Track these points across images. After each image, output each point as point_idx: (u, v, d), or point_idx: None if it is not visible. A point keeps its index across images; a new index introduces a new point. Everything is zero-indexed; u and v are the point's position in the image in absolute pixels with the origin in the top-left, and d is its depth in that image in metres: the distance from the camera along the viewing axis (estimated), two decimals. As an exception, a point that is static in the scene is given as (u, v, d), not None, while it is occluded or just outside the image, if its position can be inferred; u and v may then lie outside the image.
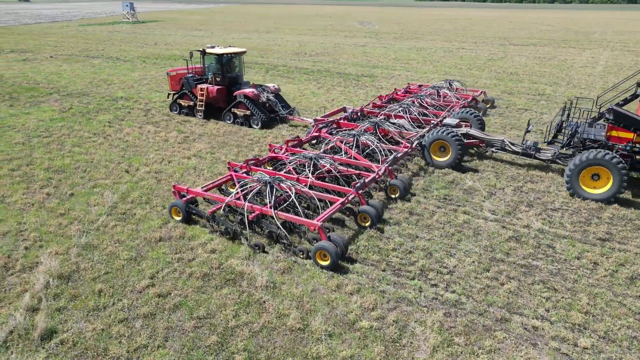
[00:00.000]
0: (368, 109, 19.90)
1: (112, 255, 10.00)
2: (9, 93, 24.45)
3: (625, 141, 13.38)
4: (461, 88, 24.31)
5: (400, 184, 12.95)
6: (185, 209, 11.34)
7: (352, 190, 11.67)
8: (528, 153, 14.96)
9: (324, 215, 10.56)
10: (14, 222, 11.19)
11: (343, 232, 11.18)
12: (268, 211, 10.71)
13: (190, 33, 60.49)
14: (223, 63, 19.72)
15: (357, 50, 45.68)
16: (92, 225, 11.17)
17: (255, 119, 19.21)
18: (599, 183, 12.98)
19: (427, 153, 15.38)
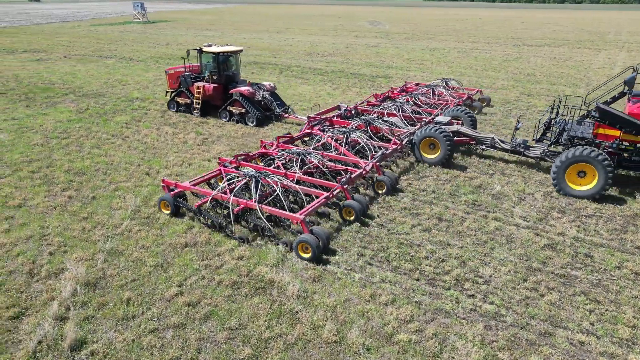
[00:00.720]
0: (362, 107, 19.97)
1: (138, 261, 9.77)
2: (25, 93, 24.39)
3: (612, 139, 13.43)
4: (458, 87, 24.24)
5: (387, 180, 13.09)
6: (174, 202, 11.54)
7: (337, 185, 11.86)
8: (517, 150, 15.05)
9: (307, 209, 10.72)
10: (37, 226, 11.00)
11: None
12: (252, 205, 10.91)
13: (202, 33, 60.41)
14: (219, 61, 19.95)
15: (370, 51, 45.32)
16: (116, 230, 10.95)
17: (250, 116, 19.46)
18: (585, 180, 13.09)
19: (416, 150, 15.54)
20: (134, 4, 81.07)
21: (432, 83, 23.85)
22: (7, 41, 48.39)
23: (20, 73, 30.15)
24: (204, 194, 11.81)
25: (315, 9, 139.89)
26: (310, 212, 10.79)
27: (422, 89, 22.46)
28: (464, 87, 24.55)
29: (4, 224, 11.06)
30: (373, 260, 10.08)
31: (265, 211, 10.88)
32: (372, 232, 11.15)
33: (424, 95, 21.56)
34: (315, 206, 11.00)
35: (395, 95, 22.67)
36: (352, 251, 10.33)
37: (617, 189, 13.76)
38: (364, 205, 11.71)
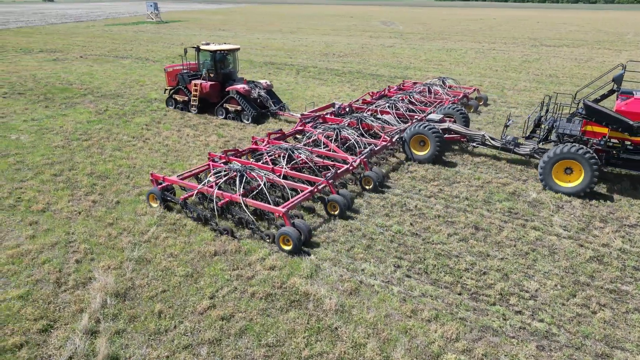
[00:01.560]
0: (357, 105, 20.07)
1: (167, 270, 9.42)
2: (44, 94, 24.27)
3: (600, 136, 13.40)
4: (455, 85, 24.33)
5: (374, 176, 13.23)
6: (161, 195, 11.79)
7: (322, 180, 12.03)
8: (507, 148, 15.09)
9: (290, 202, 10.90)
10: (62, 232, 10.71)
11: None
12: (236, 198, 11.13)
13: (215, 33, 60.25)
14: (216, 60, 20.15)
15: (386, 51, 44.77)
16: (142, 237, 10.62)
17: (245, 114, 19.71)
18: (572, 177, 13.19)
19: (407, 147, 15.59)
20: (148, 4, 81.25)
21: (428, 82, 23.87)
22: (24, 41, 48.61)
23: (37, 73, 30.11)
24: (190, 187, 11.95)
25: (326, 8, 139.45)
26: (293, 206, 10.94)
27: (418, 88, 22.60)
28: (461, 86, 24.58)
29: (28, 229, 10.79)
30: (411, 272, 9.63)
31: (249, 204, 11.14)
32: (407, 242, 10.70)
33: (420, 93, 21.74)
34: (299, 200, 11.16)
35: (391, 93, 22.63)
36: (388, 262, 9.89)
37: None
38: (348, 200, 11.87)
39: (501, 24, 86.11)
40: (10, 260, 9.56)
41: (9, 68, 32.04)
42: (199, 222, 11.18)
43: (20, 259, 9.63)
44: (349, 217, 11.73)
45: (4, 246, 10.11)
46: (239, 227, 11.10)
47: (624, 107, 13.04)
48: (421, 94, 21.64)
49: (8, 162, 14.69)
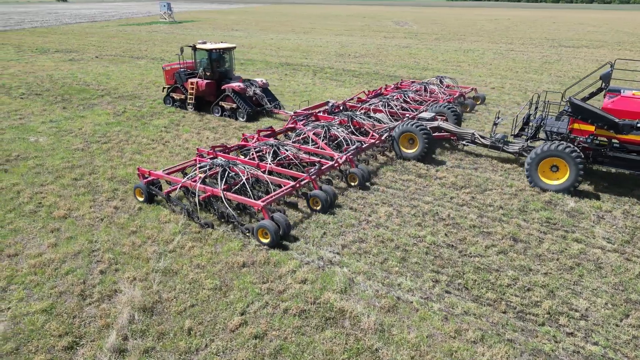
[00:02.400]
0: (351, 104, 20.18)
1: (195, 283, 9.01)
2: (61, 95, 24.10)
3: (587, 134, 13.46)
4: (452, 85, 24.31)
5: (359, 173, 13.33)
6: (147, 189, 11.97)
7: (304, 176, 12.20)
8: (496, 146, 15.22)
9: (270, 196, 11.09)
10: (84, 241, 10.36)
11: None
12: (218, 192, 11.31)
13: (228, 34, 60.09)
14: (212, 58, 20.39)
15: (402, 52, 44.16)
16: (167, 246, 10.22)
17: (241, 111, 19.96)
18: (558, 174, 13.26)
19: (396, 145, 15.65)
20: (161, 4, 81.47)
21: (425, 81, 23.98)
22: (40, 41, 48.80)
23: (54, 73, 30.02)
24: (175, 181, 12.12)
25: (338, 9, 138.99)
26: (273, 200, 11.10)
27: (414, 87, 22.73)
28: (458, 85, 24.57)
29: (50, 237, 10.46)
30: (450, 287, 9.11)
31: (230, 198, 11.32)
32: (443, 254, 10.18)
33: (416, 92, 21.90)
34: (280, 195, 11.36)
35: (387, 92, 22.50)
36: (425, 276, 9.38)
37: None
38: (330, 196, 11.95)
39: (516, 24, 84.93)
40: (33, 271, 9.21)
41: (25, 68, 32.03)
42: (182, 215, 11.43)
43: (42, 269, 9.28)
44: (380, 226, 11.25)
45: (26, 255, 9.78)
46: (222, 221, 11.24)
47: (610, 104, 13.06)
48: (417, 93, 21.83)
49: (28, 166, 14.42)
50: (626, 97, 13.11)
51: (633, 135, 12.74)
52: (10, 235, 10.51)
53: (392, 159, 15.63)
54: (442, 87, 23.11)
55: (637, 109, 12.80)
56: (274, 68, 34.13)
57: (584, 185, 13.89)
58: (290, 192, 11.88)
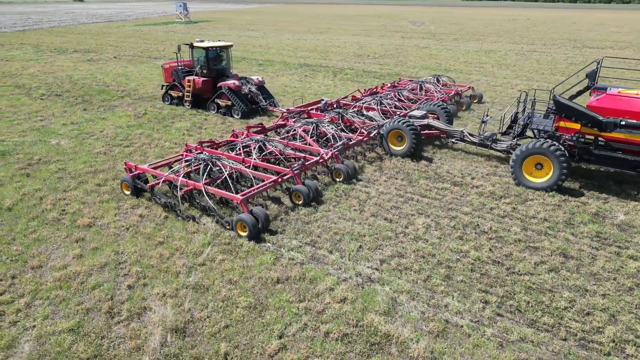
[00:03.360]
0: (345, 102, 20.30)
1: (228, 301, 8.46)
2: (81, 96, 23.84)
3: (572, 132, 13.45)
4: (450, 83, 24.60)
5: (344, 169, 13.46)
6: (132, 183, 12.21)
7: (287, 170, 12.38)
8: (484, 144, 15.32)
9: (250, 190, 11.30)
10: (110, 252, 9.89)
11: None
12: (199, 186, 11.49)
13: (244, 34, 59.79)
14: (209, 56, 20.67)
15: (422, 53, 43.33)
16: (197, 259, 9.70)
17: (235, 109, 20.18)
18: (542, 172, 13.28)
19: (385, 142, 15.82)
20: (177, 4, 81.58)
21: (422, 79, 24.27)
22: (58, 41, 48.94)
23: (73, 74, 29.85)
24: (159, 175, 12.32)
25: (352, 9, 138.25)
26: (253, 194, 11.30)
27: (410, 85, 22.99)
28: (455, 84, 24.75)
29: (75, 247, 10.01)
30: (502, 309, 8.44)
31: (211, 192, 11.52)
32: (490, 272, 9.50)
33: (411, 91, 22.18)
34: (260, 189, 11.51)
35: (383, 90, 22.44)
36: (474, 297, 8.71)
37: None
38: (312, 190, 12.14)
39: (536, 25, 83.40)
40: (58, 285, 8.76)
41: (45, 68, 31.94)
42: (166, 208, 11.62)
43: (68, 283, 8.82)
44: (419, 239, 10.61)
45: (50, 267, 9.34)
46: (203, 214, 11.44)
47: (595, 102, 13.04)
48: (412, 92, 22.07)
49: (50, 170, 14.05)
50: (611, 95, 13.01)
51: (617, 133, 12.65)
52: (34, 245, 10.09)
53: (380, 156, 15.79)
54: (439, 85, 23.27)
55: (622, 107, 12.68)
56: (293, 69, 33.59)
57: (629, 194, 13.09)
58: (273, 187, 12.16)
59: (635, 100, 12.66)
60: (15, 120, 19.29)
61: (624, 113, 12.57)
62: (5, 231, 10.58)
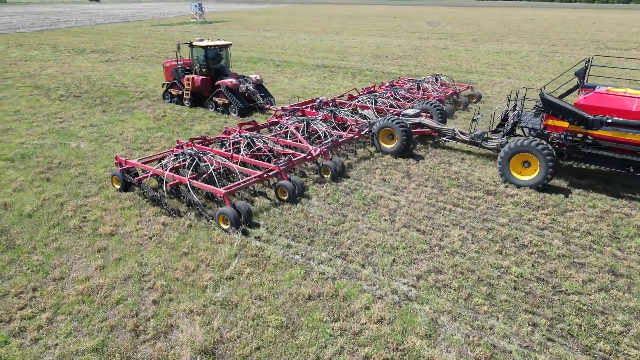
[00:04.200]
0: (341, 100, 20.47)
1: (258, 319, 7.99)
2: (100, 97, 23.64)
3: (560, 130, 13.43)
4: (449, 83, 24.77)
5: (331, 165, 13.59)
6: (122, 177, 12.46)
7: (272, 166, 12.69)
8: (475, 142, 15.34)
9: (233, 185, 11.58)
10: (134, 262, 9.49)
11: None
12: (184, 180, 11.74)
13: (260, 34, 59.51)
14: (208, 55, 20.99)
15: (441, 54, 42.55)
16: (224, 272, 9.25)
17: (233, 107, 20.43)
18: (529, 170, 13.33)
19: (376, 140, 15.96)
20: (193, 4, 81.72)
21: (420, 79, 24.47)
22: (75, 41, 49.14)
23: (91, 75, 29.74)
24: (147, 169, 12.59)
25: (367, 9, 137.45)
26: (237, 189, 11.60)
27: (407, 84, 23.09)
28: (454, 83, 24.90)
29: (97, 258, 9.62)
30: (552, 333, 7.83)
31: (196, 186, 11.80)
32: (535, 290, 8.89)
33: (409, 90, 22.33)
34: (246, 184, 11.79)
35: (381, 89, 22.54)
36: (520, 319, 8.11)
37: None
38: (298, 186, 12.31)
39: (555, 25, 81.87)
40: (81, 299, 8.37)
41: (63, 69, 31.91)
42: (152, 202, 11.89)
43: (91, 297, 8.43)
44: (456, 253, 10.04)
45: (72, 278, 8.96)
46: (189, 209, 11.63)
47: (583, 100, 13.07)
48: (409, 91, 22.27)
49: (70, 174, 13.74)
50: (599, 93, 13.04)
51: (604, 131, 12.60)
52: (55, 254, 9.73)
53: (372, 154, 15.91)
54: (437, 85, 23.46)
55: (609, 104, 12.65)
56: (311, 70, 33.12)
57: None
58: (258, 182, 12.45)
59: (623, 98, 12.66)
60: (35, 122, 19.11)
61: (612, 111, 12.53)
62: (26, 239, 10.25)
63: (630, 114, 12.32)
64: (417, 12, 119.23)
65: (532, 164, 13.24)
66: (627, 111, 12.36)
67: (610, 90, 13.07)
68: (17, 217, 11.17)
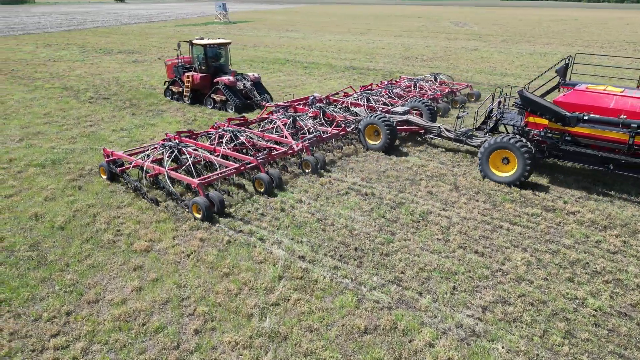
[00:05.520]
0: (335, 98, 20.77)
1: (311, 356, 7.17)
2: (129, 99, 23.26)
3: (541, 127, 13.51)
4: (447, 81, 24.78)
5: (312, 160, 13.92)
6: (108, 167, 13.08)
7: (250, 159, 13.12)
8: (460, 139, 15.50)
9: (208, 176, 12.10)
10: (171, 284, 8.80)
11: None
12: (162, 171, 12.30)
13: (284, 34, 58.93)
14: (207, 53, 21.49)
15: (472, 55, 41.20)
16: (269, 297, 8.49)
17: (229, 104, 20.86)
18: (508, 167, 13.42)
19: (362, 137, 16.20)
20: (217, 4, 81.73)
21: (419, 77, 24.84)
22: (102, 41, 49.35)
23: (119, 76, 29.50)
24: (130, 160, 13.13)
25: (390, 9, 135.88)
26: (212, 180, 12.06)
27: (405, 83, 23.32)
28: (453, 82, 24.90)
29: (133, 278, 8.97)
30: (648, 382, 6.85)
31: (173, 177, 12.36)
32: (619, 327, 7.87)
33: (405, 88, 22.54)
34: (221, 175, 12.24)
35: (378, 87, 22.56)
36: (608, 362, 7.14)
37: None
38: (275, 179, 12.71)
39: (586, 26, 79.24)
40: (117, 325, 7.70)
41: (91, 70, 31.79)
42: (134, 192, 12.46)
43: (128, 323, 7.76)
44: (522, 280, 9.08)
45: (108, 301, 8.32)
46: (168, 198, 12.14)
47: (562, 98, 13.15)
48: (406, 89, 22.48)
49: (102, 183, 13.20)
50: (579, 90, 13.11)
51: (582, 128, 12.65)
52: (89, 273, 9.12)
53: (357, 150, 16.16)
54: (435, 84, 23.79)
55: (587, 102, 12.68)
56: (340, 72, 32.28)
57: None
58: (235, 174, 12.87)
59: (601, 95, 12.68)
60: (65, 125, 18.75)
61: (590, 108, 12.52)
62: (58, 255, 9.68)
63: (608, 111, 12.29)
64: (441, 12, 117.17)
65: (510, 161, 13.30)
66: (605, 108, 12.34)
67: (590, 88, 13.12)
68: (49, 230, 10.63)
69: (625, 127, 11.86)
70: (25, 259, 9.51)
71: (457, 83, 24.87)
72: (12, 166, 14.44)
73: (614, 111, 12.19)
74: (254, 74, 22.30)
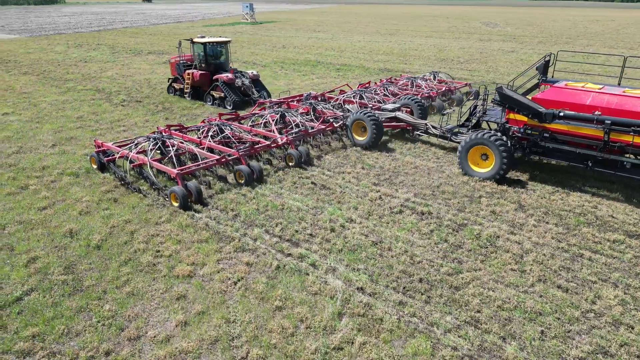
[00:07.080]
0: (330, 95, 21.05)
1: (387, 417, 6.14)
2: (161, 102, 22.62)
3: (521, 124, 13.55)
4: (449, 80, 25.00)
5: (295, 154, 14.19)
6: (98, 157, 13.71)
7: (232, 151, 13.49)
8: (444, 136, 15.69)
9: (187, 167, 12.61)
10: (220, 319, 7.85)
11: None
12: (145, 161, 12.83)
13: (313, 35, 58.01)
14: (207, 51, 22.10)
15: (510, 57, 39.49)
16: (329, 339, 7.46)
17: (228, 100, 21.24)
18: (486, 163, 13.55)
19: (349, 132, 16.42)
20: (244, 4, 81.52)
21: (417, 76, 24.95)
22: (132, 42, 49.32)
23: (151, 78, 29.01)
24: (117, 151, 13.70)
25: (417, 9, 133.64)
26: (191, 171, 12.54)
27: (402, 81, 23.64)
28: (453, 81, 25.02)
29: (177, 310, 8.07)
30: None
31: (155, 167, 12.82)
32: None
33: (402, 86, 22.90)
34: (201, 166, 12.69)
35: (375, 86, 22.73)
36: None
37: None
38: (256, 171, 13.04)
39: (624, 27, 75.96)
40: (163, 370, 6.80)
41: (122, 71, 31.44)
42: (120, 182, 12.97)
43: (174, 368, 6.85)
44: (619, 324, 7.81)
45: (150, 338, 7.42)
46: (150, 187, 12.62)
47: (541, 95, 13.30)
48: (403, 87, 22.80)
49: (138, 195, 12.41)
50: (558, 87, 13.21)
51: (559, 125, 12.71)
52: (129, 302, 8.26)
53: (345, 146, 16.37)
54: (434, 82, 24.04)
55: (565, 98, 12.76)
56: (374, 74, 31.12)
57: None
58: (216, 165, 13.32)
59: (579, 92, 12.72)
60: (98, 130, 18.15)
61: (567, 105, 12.63)
62: (95, 279, 8.86)
63: (585, 107, 12.36)
64: (470, 12, 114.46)
65: (489, 157, 13.43)
66: (582, 105, 12.43)
67: (569, 85, 13.21)
68: (85, 249, 9.84)
69: (600, 123, 11.90)
70: (60, 283, 8.72)
71: (456, 82, 25.04)
72: (46, 175, 13.82)
73: (590, 108, 12.29)
74: (253, 71, 22.76)
